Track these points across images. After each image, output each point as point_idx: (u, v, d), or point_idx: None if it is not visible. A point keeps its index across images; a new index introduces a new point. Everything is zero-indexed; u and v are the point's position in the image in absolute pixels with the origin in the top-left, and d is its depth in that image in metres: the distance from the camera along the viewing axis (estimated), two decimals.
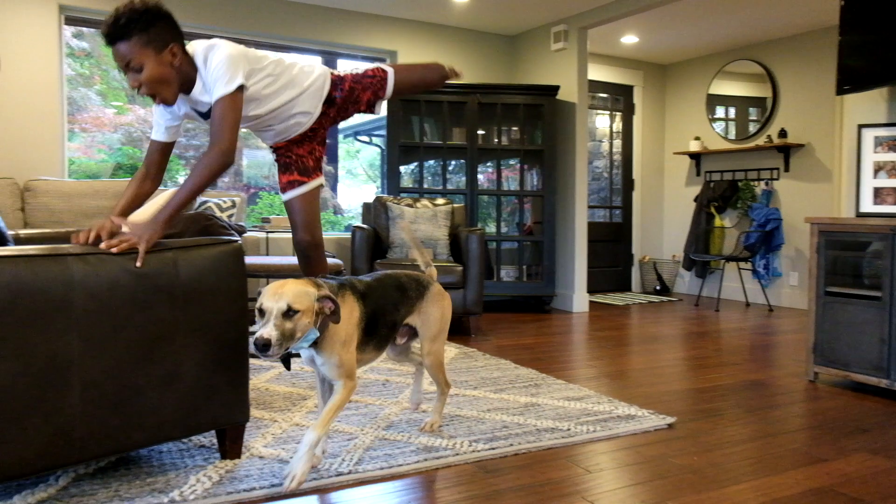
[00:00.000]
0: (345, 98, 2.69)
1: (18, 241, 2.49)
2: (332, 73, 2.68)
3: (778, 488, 2.07)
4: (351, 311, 2.05)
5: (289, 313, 1.82)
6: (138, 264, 1.87)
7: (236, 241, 2.18)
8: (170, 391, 1.94)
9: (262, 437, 2.38)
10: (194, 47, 2.30)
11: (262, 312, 1.84)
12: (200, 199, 4.65)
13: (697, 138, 7.16)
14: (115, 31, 2.11)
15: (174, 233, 2.99)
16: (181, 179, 6.67)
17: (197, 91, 2.32)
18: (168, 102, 2.28)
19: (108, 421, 1.83)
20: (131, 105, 7.10)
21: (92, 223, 2.09)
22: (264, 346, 1.77)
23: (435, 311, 2.39)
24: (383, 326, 2.19)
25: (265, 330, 1.80)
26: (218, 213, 4.69)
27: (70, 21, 5.04)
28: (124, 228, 1.97)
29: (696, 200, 7.14)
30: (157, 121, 2.41)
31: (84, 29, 6.09)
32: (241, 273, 2.14)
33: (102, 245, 1.88)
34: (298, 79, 2.57)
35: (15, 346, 1.67)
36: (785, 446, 2.46)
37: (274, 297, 1.84)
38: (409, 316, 2.33)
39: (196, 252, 2.04)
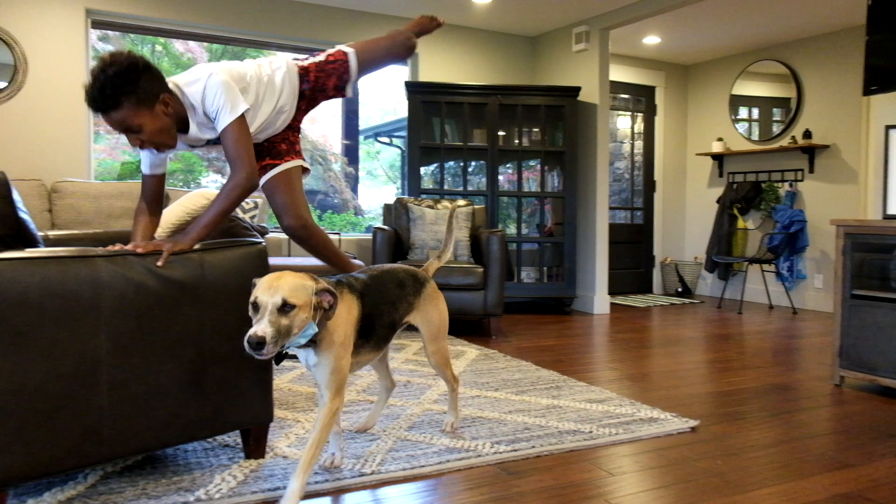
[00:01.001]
0: (312, 88, 2.65)
1: (47, 242, 2.53)
2: (297, 66, 2.63)
3: (804, 493, 2.05)
4: (349, 310, 1.97)
5: (285, 308, 1.71)
6: (159, 264, 1.90)
7: (261, 242, 2.20)
8: (195, 391, 1.96)
9: (286, 436, 2.40)
10: (180, 85, 2.22)
11: (255, 307, 1.74)
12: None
13: (720, 139, 7.10)
14: (104, 102, 2.00)
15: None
16: (204, 181, 6.73)
17: (193, 130, 2.27)
18: (171, 147, 2.23)
19: (135, 420, 1.85)
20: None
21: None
22: (258, 344, 1.66)
23: (433, 310, 2.36)
24: (381, 327, 2.12)
25: (259, 326, 1.68)
26: (240, 215, 4.73)
27: (96, 25, 5.11)
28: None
29: (718, 202, 7.08)
30: (144, 159, 2.33)
31: (109, 32, 6.17)
32: (265, 274, 2.15)
33: (129, 246, 1.91)
34: (274, 81, 2.52)
35: (45, 347, 1.70)
36: (811, 451, 2.44)
37: (269, 290, 1.73)
38: (409, 314, 2.28)
39: (221, 254, 2.06)
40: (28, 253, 1.72)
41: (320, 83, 2.67)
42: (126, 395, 1.83)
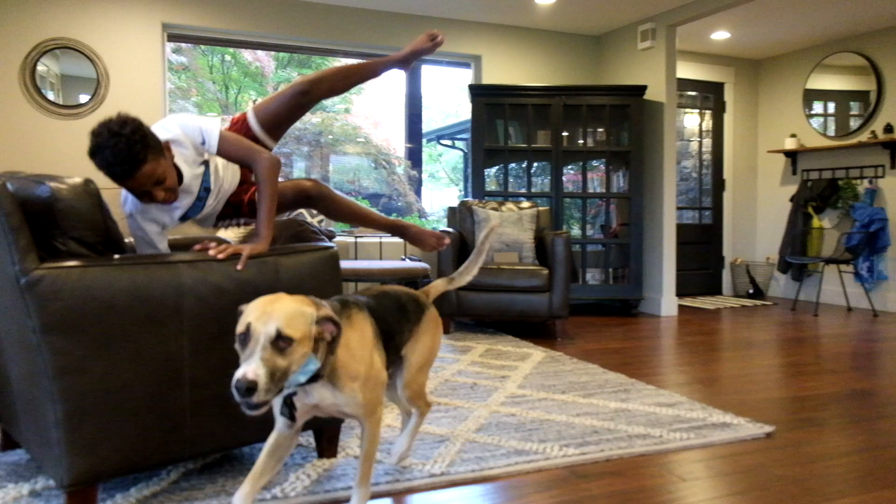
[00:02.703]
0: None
1: (132, 248, 2.65)
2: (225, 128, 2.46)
3: (889, 503, 1.97)
4: (362, 330, 1.70)
5: (280, 343, 1.42)
6: (239, 267, 1.97)
7: (332, 247, 2.26)
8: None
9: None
10: (163, 141, 2.12)
11: (244, 340, 1.44)
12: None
13: (793, 135, 6.87)
14: (136, 158, 1.96)
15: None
16: None
17: (186, 173, 2.20)
18: (176, 198, 2.16)
19: (215, 420, 1.93)
20: (225, 116, 7.43)
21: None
22: (248, 391, 1.36)
23: (427, 338, 2.04)
24: (392, 349, 1.86)
25: (249, 367, 1.38)
26: (308, 219, 4.85)
27: (171, 38, 5.32)
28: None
29: (792, 200, 6.85)
30: (152, 229, 2.26)
31: (182, 45, 6.41)
32: (336, 277, 2.22)
33: (211, 252, 1.98)
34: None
35: (132, 349, 1.79)
36: (895, 459, 2.34)
37: (262, 317, 1.44)
38: (407, 342, 1.97)
39: (295, 258, 2.12)
40: (117, 259, 1.81)
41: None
42: (207, 396, 1.91)
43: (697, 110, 7.32)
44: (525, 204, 5.23)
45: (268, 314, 1.44)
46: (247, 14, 5.34)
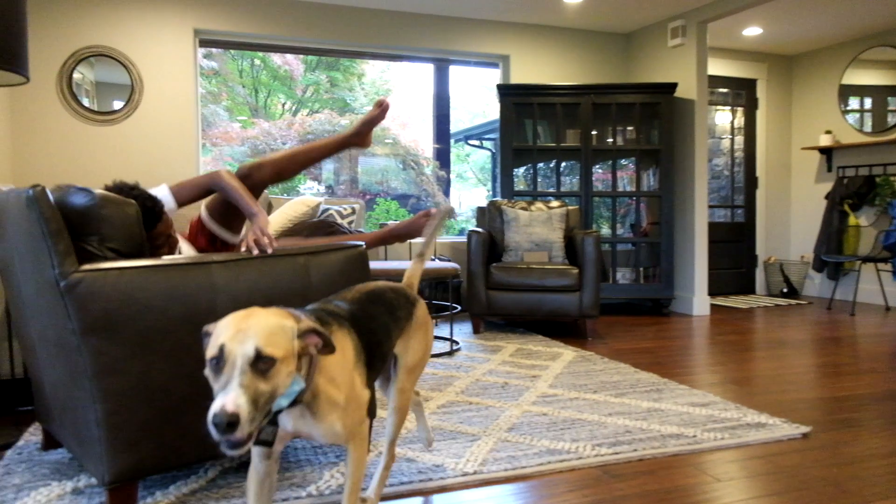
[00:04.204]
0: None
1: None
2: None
3: None
4: (343, 351, 1.48)
5: (260, 364, 1.20)
6: (272, 245, 2.11)
7: (361, 245, 2.28)
8: None
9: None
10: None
11: (217, 364, 1.21)
12: (323, 206, 4.85)
13: (828, 132, 6.74)
14: (149, 221, 2.20)
15: (302, 237, 3.17)
16: (302, 188, 6.99)
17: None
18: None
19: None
20: (255, 119, 7.53)
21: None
22: (229, 426, 1.13)
23: (420, 336, 1.85)
24: (378, 358, 1.65)
25: (228, 397, 1.15)
26: (339, 220, 4.88)
27: (203, 43, 5.40)
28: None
29: (827, 198, 6.72)
30: None
31: (213, 50, 6.50)
32: (366, 276, 2.24)
33: (243, 250, 2.04)
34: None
35: (169, 348, 1.83)
36: None
37: (237, 336, 1.22)
38: (398, 342, 1.79)
39: (325, 257, 2.15)
40: (153, 261, 1.84)
41: None
42: None
43: (729, 107, 7.22)
44: (554, 203, 5.21)
45: (243, 332, 1.22)
46: (276, 18, 5.40)
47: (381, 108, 2.76)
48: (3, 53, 2.34)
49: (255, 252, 2.04)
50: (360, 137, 2.77)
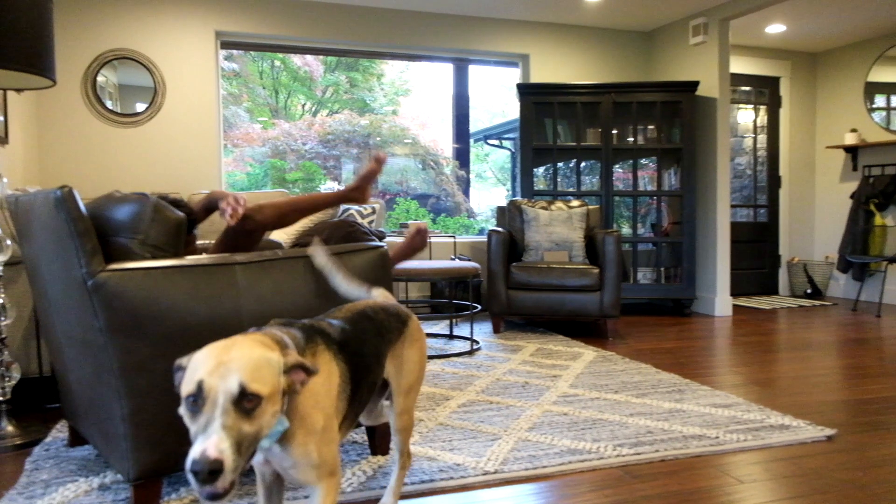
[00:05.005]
0: None
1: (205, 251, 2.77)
2: None
3: None
4: (328, 377, 1.34)
5: (244, 402, 1.08)
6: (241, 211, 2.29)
7: (382, 246, 2.29)
8: None
9: (410, 435, 2.47)
10: None
11: (195, 403, 1.08)
12: (343, 206, 4.88)
13: (854, 130, 6.65)
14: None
15: (322, 238, 3.18)
16: (322, 188, 7.03)
17: None
18: None
19: None
20: (276, 120, 7.58)
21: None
22: (212, 474, 1.00)
23: (413, 354, 1.73)
24: (366, 388, 1.51)
25: (209, 441, 1.02)
26: (359, 220, 4.90)
27: (225, 45, 5.45)
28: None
29: (852, 197, 6.63)
30: None
31: (234, 51, 6.56)
32: (387, 276, 2.25)
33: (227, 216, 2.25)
34: None
35: (195, 347, 1.83)
36: None
37: (217, 370, 1.09)
38: (388, 365, 1.67)
39: (347, 258, 2.16)
40: (178, 262, 1.87)
41: None
42: None
43: (752, 105, 7.15)
44: (574, 203, 5.20)
45: (225, 365, 1.09)
46: (296, 19, 5.44)
47: (379, 163, 2.77)
48: (31, 58, 2.38)
49: (238, 211, 2.24)
50: (359, 192, 2.77)
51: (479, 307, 4.59)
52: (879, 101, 6.61)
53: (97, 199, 2.02)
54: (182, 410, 1.10)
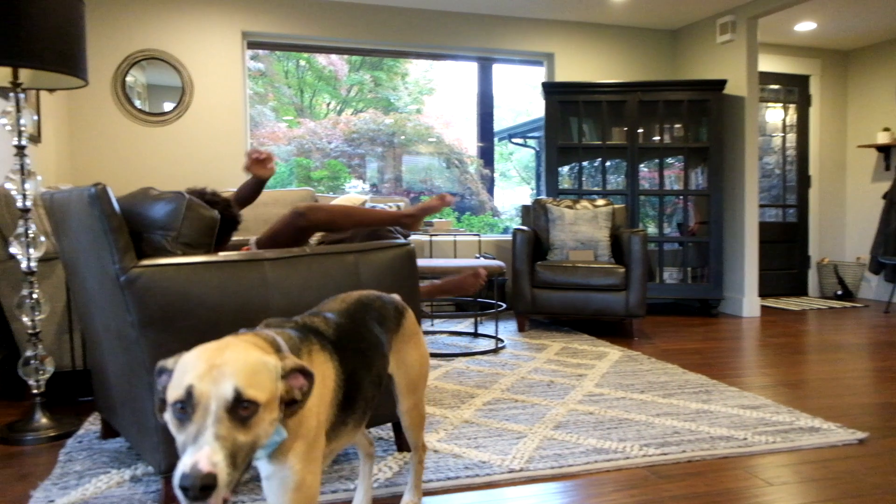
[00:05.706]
0: None
1: (237, 247, 2.80)
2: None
3: None
4: (322, 380, 1.23)
5: (240, 410, 0.98)
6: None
7: (408, 244, 2.29)
8: None
9: (436, 432, 2.48)
10: None
11: (183, 410, 0.97)
12: (369, 205, 4.90)
13: (887, 129, 6.53)
14: (226, 229, 2.51)
15: (345, 238, 3.20)
16: (347, 187, 7.06)
17: None
18: None
19: None
20: (301, 119, 7.64)
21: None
22: (204, 490, 0.90)
23: (413, 350, 1.65)
24: (369, 387, 1.40)
25: (202, 453, 0.92)
26: None
27: (251, 45, 5.50)
28: None
29: (885, 197, 6.51)
30: None
31: (260, 51, 6.61)
32: (413, 274, 2.26)
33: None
34: None
35: None
36: None
37: (209, 374, 0.99)
38: (390, 360, 1.59)
39: (374, 256, 2.17)
40: (208, 258, 1.89)
41: None
42: None
43: (781, 104, 7.05)
44: (600, 202, 5.17)
45: (217, 369, 0.99)
46: (321, 19, 5.47)
47: (442, 201, 2.76)
48: (64, 59, 2.43)
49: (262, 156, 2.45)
50: (413, 220, 2.75)
51: (504, 306, 4.59)
52: None
53: (132, 194, 2.05)
54: (167, 417, 0.99)
